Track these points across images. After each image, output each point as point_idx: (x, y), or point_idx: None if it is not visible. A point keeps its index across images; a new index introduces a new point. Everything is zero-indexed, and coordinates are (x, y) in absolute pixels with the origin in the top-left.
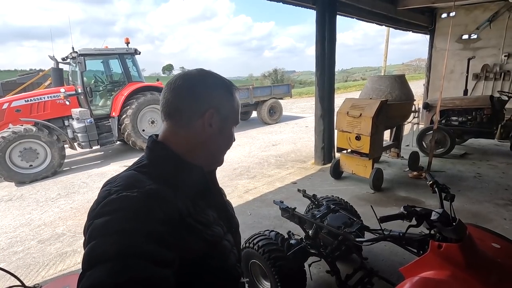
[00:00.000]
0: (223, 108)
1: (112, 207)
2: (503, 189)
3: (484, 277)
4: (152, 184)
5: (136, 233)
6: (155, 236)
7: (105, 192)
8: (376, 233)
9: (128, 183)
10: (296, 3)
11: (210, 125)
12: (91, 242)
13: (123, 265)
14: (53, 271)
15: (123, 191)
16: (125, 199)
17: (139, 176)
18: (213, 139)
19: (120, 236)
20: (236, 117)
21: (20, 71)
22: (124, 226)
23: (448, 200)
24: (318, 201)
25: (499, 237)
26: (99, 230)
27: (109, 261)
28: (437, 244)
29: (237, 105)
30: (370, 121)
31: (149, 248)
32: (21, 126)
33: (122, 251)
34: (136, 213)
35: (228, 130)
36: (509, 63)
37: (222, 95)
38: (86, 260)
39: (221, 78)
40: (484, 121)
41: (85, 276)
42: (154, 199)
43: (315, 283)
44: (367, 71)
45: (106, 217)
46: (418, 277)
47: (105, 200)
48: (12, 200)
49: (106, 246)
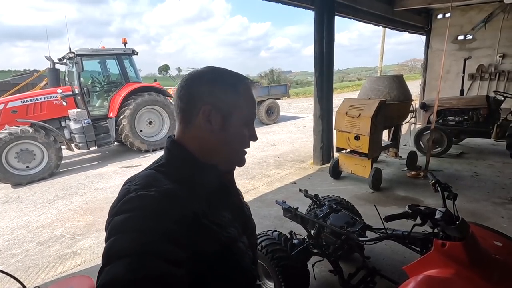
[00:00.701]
0: (222, 104)
1: (131, 205)
2: (500, 188)
3: (487, 274)
4: (169, 183)
5: (152, 232)
6: (170, 235)
7: (125, 190)
8: (378, 232)
9: (147, 182)
10: (294, 4)
11: (209, 122)
12: (111, 239)
13: (140, 262)
14: (53, 273)
15: (141, 190)
16: (143, 198)
17: (157, 176)
18: (215, 136)
19: (137, 234)
20: (245, 113)
21: (14, 72)
22: (141, 224)
23: (451, 199)
24: (320, 201)
25: (500, 235)
26: (118, 227)
27: (127, 258)
28: (441, 243)
29: (245, 100)
30: (369, 121)
31: (164, 247)
32: (18, 127)
33: (139, 249)
34: (153, 212)
35: (233, 127)
36: (504, 63)
37: (220, 90)
38: (105, 256)
39: (227, 72)
40: (481, 120)
41: (104, 272)
42: (171, 199)
43: (318, 282)
44: (363, 71)
45: (125, 214)
46: (422, 275)
47: (125, 198)
48: (9, 202)
49: (124, 243)
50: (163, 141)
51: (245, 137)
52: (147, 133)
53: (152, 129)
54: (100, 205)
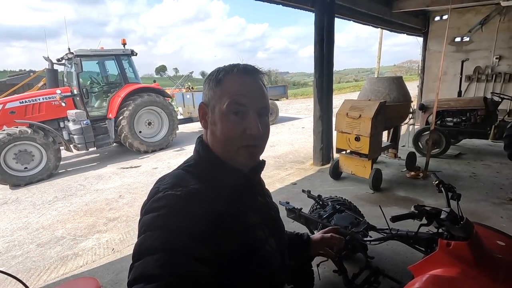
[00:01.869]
0: (209, 99)
1: (159, 204)
2: (498, 188)
3: (492, 273)
4: (196, 184)
5: (179, 230)
6: (196, 234)
7: (154, 189)
8: (382, 233)
9: (174, 182)
10: (295, 5)
11: (206, 122)
12: (141, 236)
13: (168, 259)
14: (55, 275)
15: (169, 190)
16: (170, 197)
17: (185, 176)
18: (212, 132)
19: (165, 231)
20: (227, 101)
21: (9, 72)
22: (168, 222)
23: (455, 199)
24: (323, 202)
25: (503, 234)
26: (147, 225)
27: (155, 254)
28: (446, 242)
29: (226, 87)
30: (369, 122)
31: (190, 245)
32: (16, 128)
33: (166, 246)
34: (179, 211)
35: (219, 118)
36: (500, 65)
37: (207, 85)
38: (136, 252)
39: (219, 69)
40: (478, 122)
41: (134, 267)
42: (196, 199)
43: (322, 282)
44: (359, 72)
45: (154, 213)
46: (428, 275)
47: (154, 197)
48: (8, 203)
49: (153, 240)
50: (162, 142)
51: (233, 128)
52: (146, 134)
53: (151, 130)
54: (100, 206)
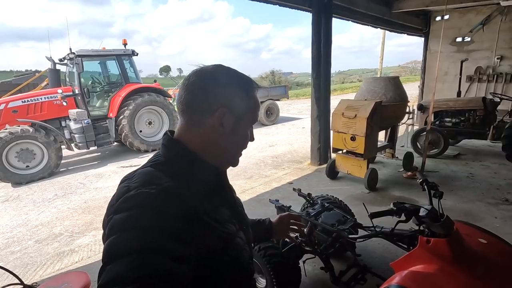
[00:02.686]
0: (236, 108)
1: (131, 203)
2: (495, 188)
3: (470, 270)
4: (169, 181)
5: (154, 229)
6: (172, 232)
7: (123, 188)
8: (368, 230)
9: (146, 179)
10: (292, 6)
11: (222, 125)
12: (111, 237)
13: (143, 260)
14: (50, 270)
15: (142, 188)
16: (144, 196)
17: (156, 173)
18: (225, 139)
19: (139, 232)
20: (252, 117)
21: (16, 72)
22: (142, 222)
23: (437, 197)
24: (312, 200)
25: (486, 233)
26: (119, 225)
27: (129, 256)
28: (426, 239)
29: (254, 104)
30: (364, 122)
31: (166, 244)
32: (18, 127)
33: (141, 246)
34: (154, 210)
35: (242, 130)
36: (501, 65)
37: (235, 93)
38: (107, 254)
39: (238, 75)
40: (477, 122)
41: (106, 270)
42: (171, 196)
43: (310, 279)
44: (364, 73)
45: (125, 212)
46: (407, 271)
47: (124, 196)
48: (9, 200)
49: (126, 241)
50: None
51: (247, 139)
52: (147, 134)
53: (151, 129)
54: (98, 204)
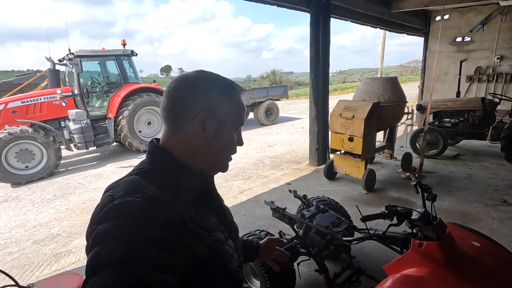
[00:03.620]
0: (217, 112)
1: (115, 212)
2: (493, 189)
3: (461, 273)
4: (155, 189)
5: (139, 239)
6: (158, 241)
7: (108, 197)
8: (362, 233)
9: (131, 188)
10: (290, 6)
11: (204, 129)
12: (95, 248)
13: (127, 271)
14: (47, 271)
15: (126, 196)
16: (128, 205)
17: (141, 181)
18: (209, 143)
19: (124, 242)
20: (237, 121)
21: (17, 72)
22: (127, 232)
23: (430, 200)
24: (308, 201)
25: (480, 235)
26: (102, 236)
27: (113, 267)
28: (418, 243)
29: (238, 107)
30: (362, 122)
31: (152, 254)
32: (17, 127)
33: (126, 257)
34: (139, 219)
35: (226, 134)
36: (501, 65)
37: (216, 98)
38: (90, 266)
39: (220, 79)
40: (476, 122)
41: (89, 283)
42: (157, 205)
43: (305, 281)
44: (365, 73)
45: (109, 222)
46: (399, 275)
47: (108, 205)
48: (8, 201)
49: (110, 252)
50: None
51: (234, 143)
52: (146, 134)
53: (150, 129)
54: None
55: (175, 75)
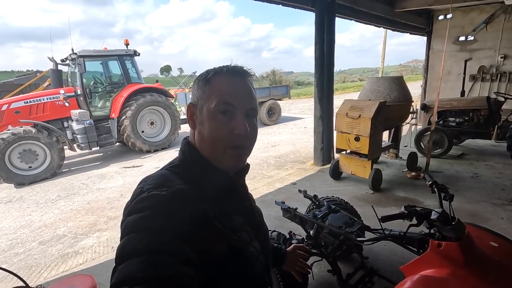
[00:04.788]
0: (197, 99)
1: (143, 205)
2: (500, 189)
3: (482, 274)
4: (181, 184)
5: (164, 231)
6: (181, 235)
7: (138, 190)
8: (376, 233)
9: (159, 182)
10: (295, 5)
11: (194, 122)
12: (124, 238)
13: (152, 261)
14: (55, 272)
15: (154, 190)
16: (155, 198)
17: (170, 176)
18: (200, 133)
19: (149, 233)
20: (215, 101)
21: (17, 72)
22: (153, 223)
23: (447, 200)
24: (319, 202)
25: (497, 236)
26: (130, 227)
27: (139, 257)
28: (437, 243)
29: (215, 87)
30: (369, 122)
31: (176, 246)
32: (21, 128)
33: (151, 247)
34: (164, 212)
35: (208, 118)
36: (505, 64)
37: (196, 86)
38: (119, 255)
39: (208, 70)
40: (481, 122)
41: (117, 270)
42: (182, 199)
43: (317, 282)
44: (364, 72)
45: (138, 214)
46: (418, 275)
47: (138, 197)
48: (12, 201)
49: (137, 242)
50: (165, 142)
51: (220, 128)
52: (149, 134)
53: (153, 129)
54: (101, 205)
55: (175, 75)
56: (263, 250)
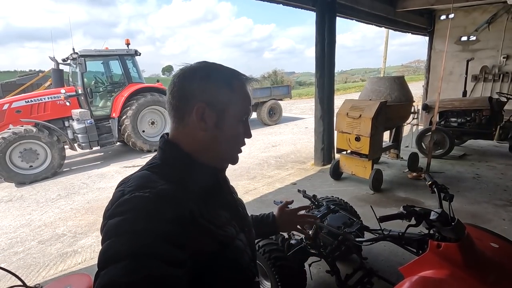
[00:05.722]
0: (217, 102)
1: (125, 207)
2: (502, 190)
3: (482, 276)
4: (164, 184)
5: (148, 233)
6: (166, 236)
7: (119, 192)
8: (375, 233)
9: (141, 183)
10: (296, 5)
11: (204, 121)
12: (106, 242)
13: (136, 264)
14: (53, 271)
15: (136, 192)
16: (138, 200)
17: (151, 176)
18: (211, 135)
19: (133, 236)
20: (240, 110)
21: (20, 72)
22: (136, 226)
23: (447, 200)
24: (318, 202)
25: (498, 237)
26: (112, 230)
27: (122, 261)
28: (436, 244)
29: (240, 96)
30: (369, 122)
31: (161, 248)
32: (22, 127)
33: (134, 251)
34: (148, 213)
35: (228, 125)
36: (508, 64)
37: (215, 87)
38: (101, 260)
39: (222, 69)
40: (483, 122)
41: (100, 276)
42: (166, 199)
43: (315, 282)
44: (366, 72)
45: (119, 217)
46: (417, 276)
47: (119, 200)
48: (12, 200)
49: (119, 246)
50: None
51: (240, 134)
52: (149, 133)
53: (154, 129)
54: (101, 205)
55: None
56: (248, 242)
